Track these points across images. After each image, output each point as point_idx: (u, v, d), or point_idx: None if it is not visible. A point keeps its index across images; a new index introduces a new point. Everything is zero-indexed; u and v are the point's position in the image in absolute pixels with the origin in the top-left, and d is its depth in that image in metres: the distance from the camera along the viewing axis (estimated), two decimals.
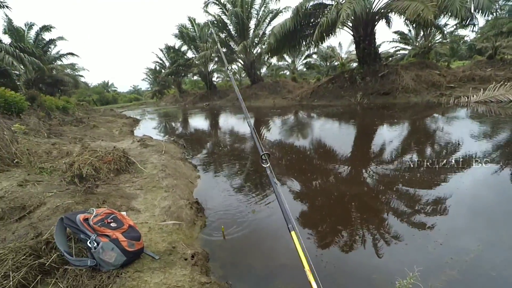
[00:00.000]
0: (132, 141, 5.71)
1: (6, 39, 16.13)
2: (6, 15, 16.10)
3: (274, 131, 7.84)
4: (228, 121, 11.56)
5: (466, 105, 8.48)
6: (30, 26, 18.05)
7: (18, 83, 15.08)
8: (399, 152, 4.73)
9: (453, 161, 4.02)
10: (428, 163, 4.04)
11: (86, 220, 2.04)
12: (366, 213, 2.87)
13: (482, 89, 8.82)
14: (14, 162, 3.98)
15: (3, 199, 2.76)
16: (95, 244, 1.90)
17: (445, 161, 4.07)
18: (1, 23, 16.67)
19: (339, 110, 10.58)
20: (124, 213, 2.63)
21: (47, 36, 19.07)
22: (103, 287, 1.74)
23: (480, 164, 3.77)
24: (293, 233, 1.22)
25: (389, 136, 5.88)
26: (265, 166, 1.67)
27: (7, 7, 11.93)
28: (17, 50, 11.29)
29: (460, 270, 1.93)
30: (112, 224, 2.13)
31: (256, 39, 20.21)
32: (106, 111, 19.10)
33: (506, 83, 8.53)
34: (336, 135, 6.75)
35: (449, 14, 9.92)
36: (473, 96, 8.75)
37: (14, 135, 5.26)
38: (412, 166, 4.02)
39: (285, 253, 2.30)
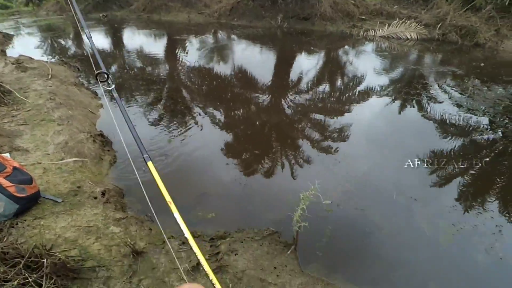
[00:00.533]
0: (5, 64, 4.35)
1: None
2: None
3: (191, 54, 7.13)
4: (134, 39, 9.84)
5: (373, 39, 9.28)
6: None
7: None
8: (314, 83, 5.04)
9: (356, 92, 4.54)
10: (337, 94, 4.49)
11: None
12: (285, 140, 3.12)
13: (387, 25, 9.64)
14: None
15: None
16: None
17: (350, 93, 4.58)
18: None
19: (260, 33, 10.21)
20: (6, 155, 2.16)
21: None
22: None
23: (378, 97, 4.37)
24: (149, 163, 1.13)
25: (305, 65, 6.11)
26: (109, 88, 1.29)
27: None
28: None
29: (353, 182, 2.38)
30: None
31: None
32: None
33: (406, 21, 9.50)
34: (256, 61, 6.63)
35: None
36: (379, 31, 9.55)
37: None
38: (324, 96, 4.39)
39: (203, 182, 2.36)
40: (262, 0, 12.61)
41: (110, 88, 1.30)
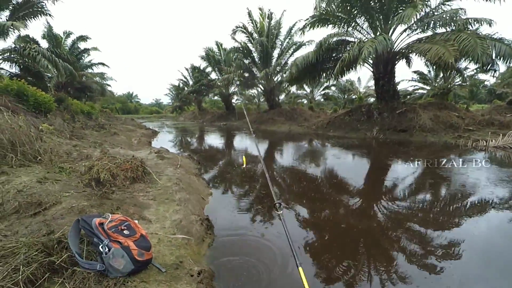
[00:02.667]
0: (150, 152, 5.84)
1: (44, 44, 17.42)
2: (48, 22, 17.40)
3: (286, 157, 7.85)
4: (243, 142, 11.68)
5: (484, 149, 8.26)
6: (68, 34, 19.48)
7: (48, 84, 15.94)
8: (413, 190, 4.62)
9: (468, 204, 3.90)
10: (442, 204, 3.94)
11: (101, 224, 2.07)
12: (376, 250, 2.77)
13: (501, 135, 8.61)
14: (37, 159, 4.14)
15: (21, 193, 2.83)
16: (107, 249, 1.91)
17: (459, 203, 3.96)
18: (42, 29, 18.00)
19: (354, 143, 10.51)
20: (136, 221, 2.65)
21: (82, 45, 20.37)
22: None
23: (496, 210, 3.64)
24: (300, 269, 1.30)
25: (403, 173, 5.76)
26: (278, 213, 1.91)
27: (49, 15, 13.03)
28: (53, 55, 12.05)
29: None
30: (125, 232, 2.14)
31: (278, 67, 20.99)
32: (127, 120, 19.75)
33: None
34: (350, 167, 6.67)
35: (470, 58, 9.99)
36: (491, 141, 8.54)
37: (40, 133, 5.50)
38: (425, 206, 3.92)
39: (291, 282, 2.23)
40: (358, 115, 13.50)
41: (279, 213, 1.92)
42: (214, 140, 12.90)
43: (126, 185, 3.67)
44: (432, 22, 11.34)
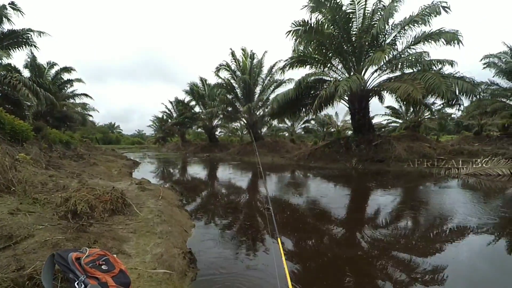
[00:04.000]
0: (130, 183, 5.70)
1: (26, 73, 17.26)
2: (32, 53, 17.35)
3: (270, 187, 7.87)
4: (226, 173, 11.63)
5: (457, 176, 8.77)
6: (52, 65, 19.47)
7: (27, 113, 15.49)
8: (394, 218, 4.76)
9: (448, 229, 4.05)
10: (423, 230, 4.09)
11: (78, 259, 1.99)
12: (360, 277, 2.79)
13: (471, 163, 9.25)
14: (10, 189, 3.94)
15: None
16: (83, 286, 1.83)
17: (440, 229, 4.11)
18: (24, 58, 18.05)
19: (335, 173, 10.78)
20: (114, 255, 2.54)
21: (66, 76, 20.31)
22: None
23: (475, 234, 3.82)
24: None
25: (382, 201, 5.95)
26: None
27: (35, 46, 13.18)
28: (34, 84, 11.92)
29: None
30: (103, 267, 2.05)
31: (260, 102, 22.03)
32: (107, 150, 19.21)
33: (493, 158, 9.00)
34: (331, 196, 6.78)
35: (436, 95, 10.94)
36: (463, 169, 9.12)
37: (14, 162, 5.27)
38: (407, 232, 4.04)
39: None
40: (337, 147, 14.02)
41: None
42: (197, 171, 12.76)
43: (105, 218, 3.54)
44: (400, 63, 12.48)
